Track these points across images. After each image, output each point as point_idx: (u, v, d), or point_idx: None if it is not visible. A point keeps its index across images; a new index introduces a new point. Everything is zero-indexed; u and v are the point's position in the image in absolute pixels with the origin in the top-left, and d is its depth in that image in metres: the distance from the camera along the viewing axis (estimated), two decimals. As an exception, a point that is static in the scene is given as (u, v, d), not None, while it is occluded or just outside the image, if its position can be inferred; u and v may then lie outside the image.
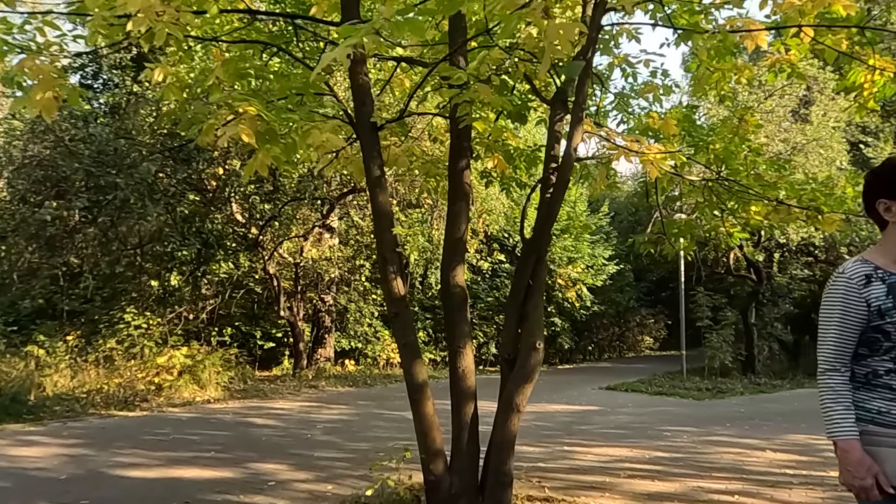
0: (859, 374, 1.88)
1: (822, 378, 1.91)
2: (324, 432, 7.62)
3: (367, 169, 3.63)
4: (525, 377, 3.54)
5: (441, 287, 3.73)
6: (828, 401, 1.87)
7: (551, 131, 4.39)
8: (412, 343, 3.59)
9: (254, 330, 18.32)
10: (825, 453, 6.16)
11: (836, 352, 1.86)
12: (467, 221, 3.79)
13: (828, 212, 4.90)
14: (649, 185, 5.48)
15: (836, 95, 15.65)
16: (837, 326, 1.85)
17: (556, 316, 18.77)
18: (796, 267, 16.90)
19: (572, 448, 6.49)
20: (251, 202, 10.51)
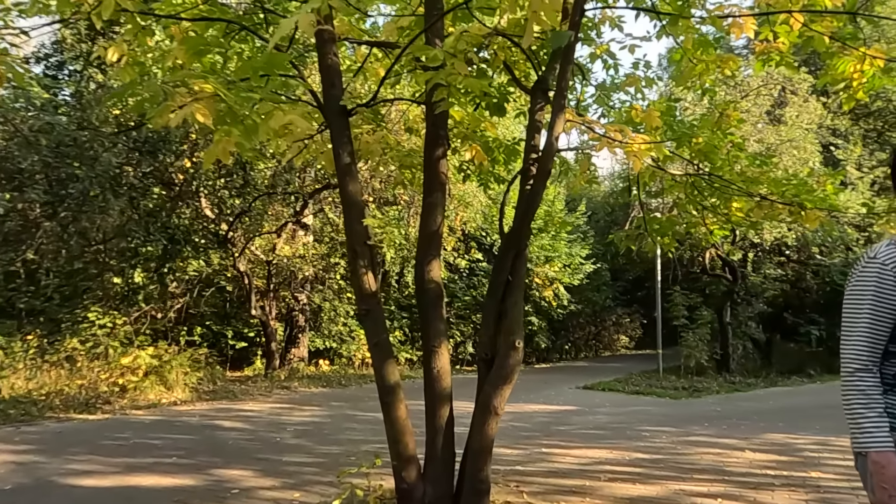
0: (888, 375, 1.66)
1: (850, 379, 1.66)
2: (294, 435, 7.34)
3: (336, 156, 3.39)
4: (504, 378, 3.35)
5: (416, 283, 3.51)
6: (858, 406, 1.63)
7: (531, 121, 4.20)
8: (384, 342, 3.36)
9: (225, 329, 17.87)
10: (804, 453, 6.10)
11: (867, 348, 1.63)
12: (443, 214, 3.58)
13: (811, 207, 4.81)
14: (631, 180, 5.33)
15: (808, 97, 15.85)
16: (869, 318, 1.62)
17: (533, 315, 18.68)
18: (769, 266, 17.07)
19: (551, 450, 6.33)
20: (220, 196, 10.14)
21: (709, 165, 5.23)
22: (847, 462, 5.64)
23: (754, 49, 4.28)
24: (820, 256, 16.52)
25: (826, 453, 6.08)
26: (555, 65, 4.29)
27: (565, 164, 6.19)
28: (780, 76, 14.57)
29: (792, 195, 4.81)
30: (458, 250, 16.51)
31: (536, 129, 4.14)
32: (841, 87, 4.04)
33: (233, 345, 17.90)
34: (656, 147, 4.05)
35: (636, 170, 4.35)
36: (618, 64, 5.71)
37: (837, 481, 4.95)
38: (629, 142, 3.75)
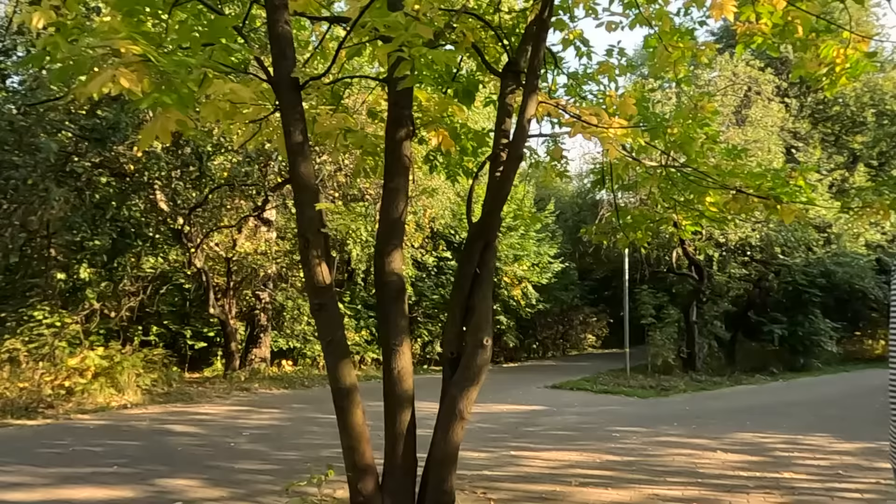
0: None
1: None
2: (250, 440, 6.93)
3: (286, 134, 3.06)
4: (470, 378, 3.07)
5: (375, 275, 3.21)
6: None
7: (502, 104, 3.95)
8: (339, 340, 3.04)
9: (184, 329, 17.18)
10: (775, 452, 6.01)
11: None
12: (406, 200, 3.28)
13: (787, 201, 4.68)
14: (605, 171, 5.12)
15: (773, 98, 16.08)
16: None
17: (501, 314, 18.51)
18: (734, 266, 17.27)
19: (519, 453, 6.09)
20: (175, 188, 9.60)
21: (683, 157, 5.07)
22: (819, 462, 5.56)
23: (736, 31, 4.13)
24: (782, 256, 16.77)
25: (797, 452, 6.00)
26: (526, 46, 4.05)
27: (534, 155, 5.96)
28: (747, 77, 14.72)
29: (768, 188, 4.67)
30: (426, 247, 16.19)
31: (507, 112, 3.89)
32: (824, 71, 3.89)
33: (192, 345, 17.22)
34: (632, 134, 3.84)
35: (611, 157, 4.13)
36: (591, 51, 5.52)
37: (811, 482, 4.83)
38: (605, 126, 3.52)
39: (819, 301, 16.82)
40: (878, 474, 5.06)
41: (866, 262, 17.27)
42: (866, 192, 4.72)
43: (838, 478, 4.96)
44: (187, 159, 9.19)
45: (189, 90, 2.61)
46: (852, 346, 22.03)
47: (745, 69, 14.71)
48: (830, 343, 17.06)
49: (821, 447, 6.28)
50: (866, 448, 6.21)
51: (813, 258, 16.96)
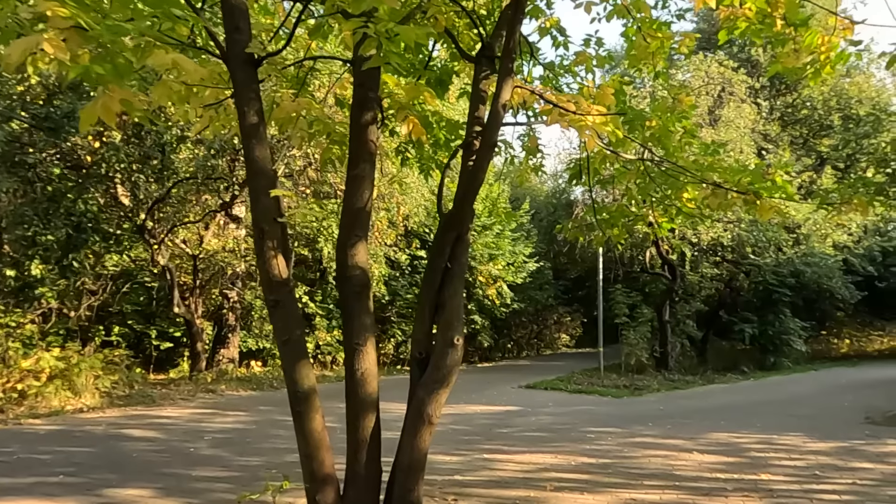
0: None
1: None
2: (211, 445, 6.60)
3: (240, 115, 2.81)
4: (440, 380, 2.86)
5: (337, 269, 2.97)
6: None
7: (476, 90, 3.75)
8: (296, 340, 2.80)
9: (148, 329, 16.62)
10: (751, 453, 5.93)
11: None
12: (372, 188, 3.05)
13: (766, 196, 4.58)
14: (582, 165, 4.96)
15: (745, 99, 16.24)
16: None
17: (476, 313, 18.35)
18: (706, 266, 17.40)
19: (493, 456, 5.89)
20: (134, 181, 9.16)
21: (661, 152, 4.94)
22: (795, 462, 5.49)
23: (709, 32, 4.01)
24: (753, 256, 16.95)
25: (772, 453, 5.93)
26: (501, 31, 3.85)
27: (510, 149, 5.78)
28: (720, 76, 14.81)
29: (747, 183, 4.56)
30: (399, 244, 15.93)
31: (481, 99, 3.68)
32: (808, 60, 3.78)
33: (157, 345, 16.67)
34: (611, 123, 3.66)
35: (590, 148, 3.96)
36: (568, 41, 5.36)
37: (788, 483, 4.74)
38: (583, 113, 3.34)
39: (788, 300, 17.05)
40: (854, 475, 5.01)
41: (833, 262, 17.57)
42: (844, 188, 4.65)
43: (815, 479, 4.88)
44: (148, 151, 8.77)
45: (126, 60, 2.33)
46: (819, 344, 22.46)
47: (719, 69, 14.80)
48: (799, 342, 17.30)
49: (795, 447, 6.23)
50: (840, 447, 6.18)
51: (783, 258, 17.18)
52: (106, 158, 8.45)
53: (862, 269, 18.52)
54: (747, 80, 15.65)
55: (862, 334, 24.91)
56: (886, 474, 5.01)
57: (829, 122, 23.66)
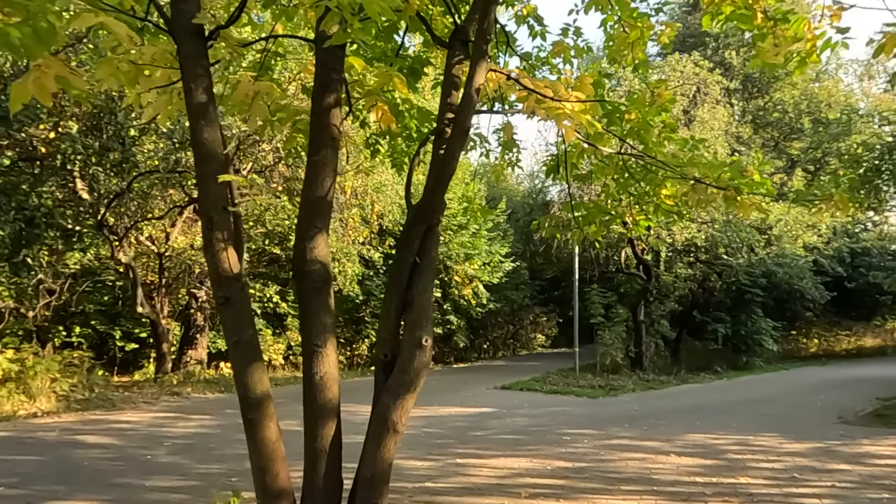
0: None
1: None
2: (171, 451, 6.26)
3: (186, 92, 2.55)
4: (406, 384, 2.63)
5: (294, 263, 2.73)
6: None
7: (448, 75, 3.52)
8: (248, 341, 2.54)
9: (112, 329, 16.07)
10: (728, 455, 5.83)
11: None
12: (334, 176, 2.81)
13: (747, 192, 4.46)
14: (560, 158, 4.78)
15: (720, 99, 16.35)
16: None
17: (452, 314, 18.16)
18: (680, 266, 17.49)
19: (466, 460, 5.69)
20: (93, 174, 8.72)
21: (640, 146, 4.79)
22: (773, 465, 5.40)
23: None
24: (726, 257, 17.08)
25: (749, 454, 5.84)
26: (475, 14, 3.64)
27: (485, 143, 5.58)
28: (695, 76, 14.87)
29: (728, 179, 4.43)
30: (373, 242, 15.64)
31: (454, 85, 3.46)
32: (794, 46, 3.65)
33: (122, 346, 16.13)
34: (590, 111, 3.47)
35: (568, 139, 3.78)
36: (545, 31, 5.19)
37: (768, 487, 4.63)
38: (561, 99, 3.15)
39: (760, 301, 17.23)
40: (832, 477, 4.93)
41: (804, 262, 17.82)
42: (825, 185, 4.57)
43: (794, 482, 4.78)
44: (108, 143, 8.36)
45: (49, 24, 2.06)
46: (789, 344, 22.81)
47: (695, 69, 14.86)
48: (771, 342, 17.50)
49: (772, 448, 6.15)
50: (816, 448, 6.13)
51: (755, 259, 17.35)
52: (62, 150, 8.01)
53: (831, 269, 18.83)
54: (722, 81, 15.75)
55: (830, 334, 25.40)
56: (864, 476, 4.94)
57: (799, 125, 24.09)
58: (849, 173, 8.91)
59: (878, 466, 5.28)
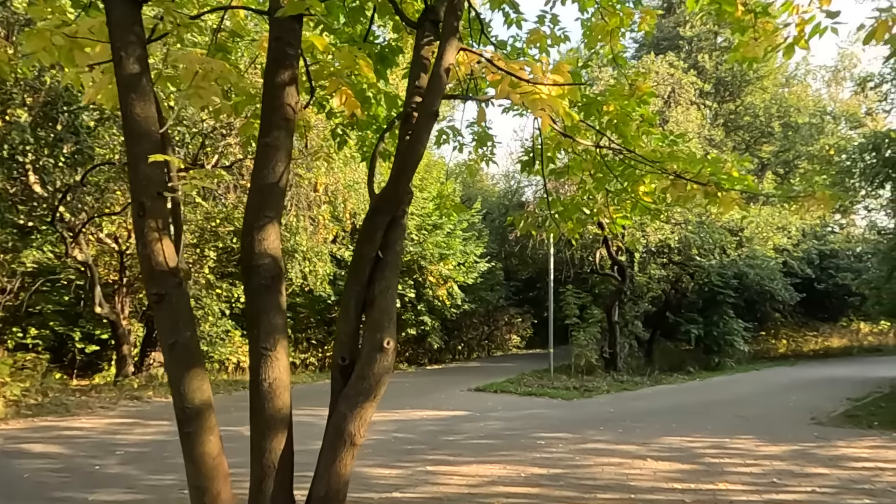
0: None
1: None
2: (123, 461, 5.88)
3: (116, 61, 2.25)
4: (365, 392, 2.37)
5: (242, 256, 2.45)
6: None
7: (417, 58, 3.28)
8: (185, 344, 2.25)
9: (72, 331, 15.39)
10: (705, 459, 5.68)
11: None
12: (288, 161, 2.54)
13: (728, 188, 4.31)
14: (535, 151, 4.57)
15: (695, 100, 16.42)
16: None
17: (426, 314, 17.89)
18: (654, 267, 17.52)
19: (437, 467, 5.43)
20: (43, 166, 8.23)
21: (619, 139, 4.61)
22: (751, 469, 5.27)
23: None
24: (699, 258, 17.16)
25: (726, 458, 5.71)
26: (448, -6, 3.40)
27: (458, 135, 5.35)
28: (670, 77, 14.88)
29: (709, 174, 4.28)
30: (345, 241, 15.29)
31: (423, 67, 3.21)
32: (779, 32, 3.50)
33: (82, 348, 15.46)
34: (568, 94, 3.25)
35: (544, 128, 3.56)
36: (521, 19, 4.98)
37: (748, 493, 4.48)
38: (538, 82, 2.92)
39: (732, 302, 17.35)
40: (811, 481, 4.80)
41: (774, 264, 18.02)
42: (806, 183, 4.46)
43: (774, 487, 4.64)
44: (61, 133, 7.90)
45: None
46: (758, 345, 23.10)
47: (669, 70, 14.87)
48: (742, 342, 17.64)
49: (749, 451, 6.04)
50: (793, 451, 6.03)
51: (727, 260, 17.47)
52: (9, 140, 7.52)
53: (801, 271, 19.08)
54: (697, 82, 15.81)
55: (798, 335, 25.83)
56: (843, 480, 4.84)
57: (769, 129, 24.48)
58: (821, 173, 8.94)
59: (855, 470, 5.19)
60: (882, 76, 11.74)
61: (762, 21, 4.44)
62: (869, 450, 6.10)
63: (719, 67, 23.61)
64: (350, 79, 3.89)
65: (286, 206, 13.02)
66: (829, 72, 28.49)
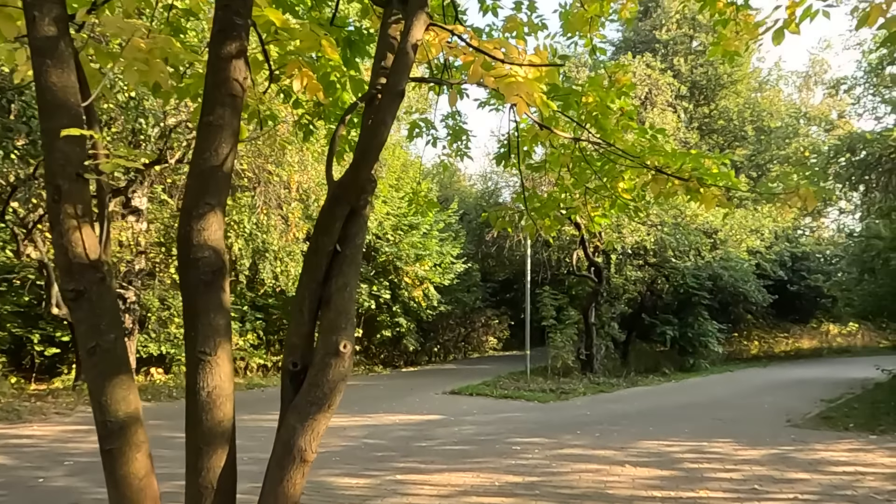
0: None
1: None
2: (70, 472, 5.48)
3: (29, 22, 1.96)
4: (318, 401, 2.11)
5: (178, 248, 2.16)
6: None
7: (383, 36, 3.01)
8: (109, 349, 1.96)
9: (30, 333, 14.72)
10: (684, 464, 5.53)
11: None
12: (234, 142, 2.26)
13: (710, 183, 4.15)
14: (511, 143, 4.35)
15: (672, 101, 16.45)
16: None
17: (401, 316, 17.60)
18: (630, 269, 17.51)
19: (406, 476, 5.17)
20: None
21: (599, 133, 4.43)
22: (731, 475, 5.12)
23: None
24: (674, 260, 17.19)
25: (706, 463, 5.55)
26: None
27: (431, 128, 5.14)
28: (647, 78, 14.86)
29: (692, 168, 4.11)
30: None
31: (390, 46, 2.95)
32: (771, 13, 3.34)
33: (41, 351, 14.80)
34: (542, 99, 3.03)
35: (520, 115, 3.34)
36: (497, 6, 4.77)
37: (730, 502, 4.31)
38: (514, 62, 2.70)
39: (706, 303, 17.42)
40: (793, 487, 4.67)
41: (748, 266, 18.16)
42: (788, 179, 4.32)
43: (756, 494, 4.49)
44: (11, 124, 7.44)
45: None
46: (731, 346, 23.33)
47: (646, 70, 14.85)
48: (716, 343, 17.74)
49: (728, 455, 5.91)
50: (772, 455, 5.91)
51: (702, 262, 17.54)
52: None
53: (773, 273, 19.28)
54: (674, 83, 15.83)
55: (770, 336, 26.16)
56: (825, 486, 4.71)
57: (743, 132, 24.78)
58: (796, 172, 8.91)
59: (835, 475, 5.07)
60: (855, 79, 11.83)
61: (743, 13, 4.32)
62: (847, 453, 6.01)
63: (694, 71, 23.82)
64: (313, 62, 3.62)
65: (262, 209, 12.63)
66: (801, 77, 29.00)
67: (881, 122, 11.87)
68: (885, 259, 12.28)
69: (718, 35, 4.57)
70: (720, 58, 4.56)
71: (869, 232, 13.66)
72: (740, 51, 4.57)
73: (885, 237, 12.27)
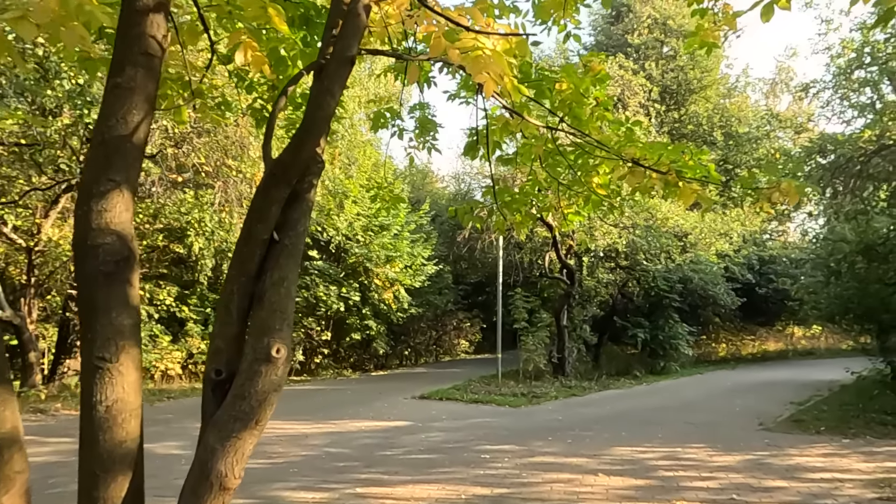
0: None
1: None
2: (-3, 489, 4.97)
3: None
4: (243, 416, 1.77)
5: (74, 235, 1.80)
6: None
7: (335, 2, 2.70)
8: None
9: (-25, 336, 13.89)
10: (659, 472, 5.30)
11: None
12: (147, 110, 1.91)
13: (689, 177, 3.93)
14: (480, 134, 4.06)
15: (645, 102, 16.45)
16: None
17: (371, 318, 17.19)
18: (602, 271, 17.44)
19: (367, 489, 4.82)
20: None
21: (574, 123, 4.18)
22: (707, 483, 4.91)
23: None
24: (646, 262, 17.18)
25: (681, 471, 5.34)
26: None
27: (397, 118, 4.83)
28: (620, 79, 14.80)
29: (670, 161, 3.88)
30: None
31: (341, 13, 2.63)
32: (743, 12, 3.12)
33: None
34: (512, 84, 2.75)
35: (487, 95, 3.04)
36: (468, -13, 4.47)
37: (708, 513, 4.09)
38: (481, 31, 2.40)
39: (677, 306, 17.45)
40: (772, 497, 4.47)
41: (717, 269, 18.27)
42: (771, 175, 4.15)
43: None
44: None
45: None
46: (700, 348, 23.49)
47: (619, 71, 14.79)
48: (686, 346, 17.78)
49: (703, 462, 5.71)
50: (747, 461, 5.74)
51: (672, 265, 17.57)
52: None
53: (741, 276, 19.44)
54: (647, 84, 15.81)
55: (737, 338, 26.47)
56: (804, 494, 4.53)
57: (712, 137, 25.05)
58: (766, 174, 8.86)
59: (813, 482, 4.91)
60: (824, 83, 11.93)
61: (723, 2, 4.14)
62: (822, 458, 5.88)
63: (665, 76, 24.00)
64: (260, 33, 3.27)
65: (225, 207, 12.10)
66: (768, 84, 29.55)
67: (850, 125, 12.02)
68: (850, 262, 12.40)
69: (696, 26, 4.39)
70: (693, 54, 4.39)
71: (835, 236, 13.82)
72: (718, 42, 4.40)
73: (850, 241, 12.40)
